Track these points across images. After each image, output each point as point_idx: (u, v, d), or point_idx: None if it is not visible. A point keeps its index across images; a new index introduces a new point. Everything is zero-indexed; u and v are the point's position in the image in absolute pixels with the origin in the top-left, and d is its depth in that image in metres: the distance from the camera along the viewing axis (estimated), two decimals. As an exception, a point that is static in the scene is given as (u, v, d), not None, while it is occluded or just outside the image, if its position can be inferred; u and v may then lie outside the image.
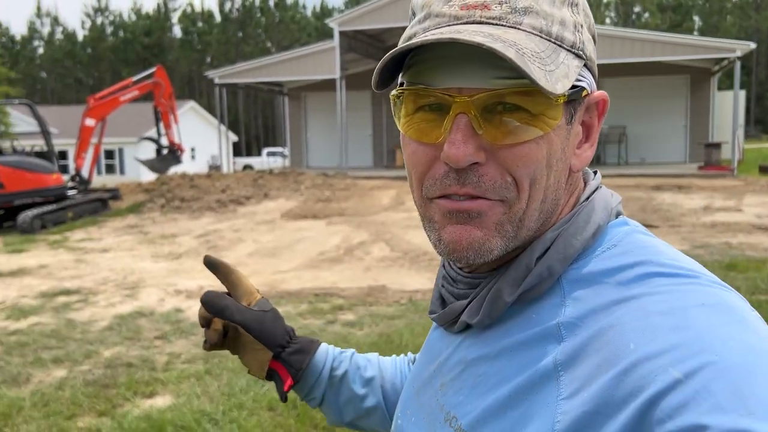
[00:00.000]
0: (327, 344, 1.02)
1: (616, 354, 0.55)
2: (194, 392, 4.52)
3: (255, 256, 9.58)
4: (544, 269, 0.65)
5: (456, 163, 0.61)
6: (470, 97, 0.61)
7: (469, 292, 0.71)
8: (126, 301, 7.28)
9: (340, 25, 20.03)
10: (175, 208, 14.64)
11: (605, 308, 0.60)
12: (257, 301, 0.97)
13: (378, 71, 0.65)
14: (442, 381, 0.73)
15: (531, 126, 0.62)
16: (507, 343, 0.65)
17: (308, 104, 25.55)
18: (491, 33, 0.60)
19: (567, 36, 0.64)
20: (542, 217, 0.67)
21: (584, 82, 0.67)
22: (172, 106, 16.19)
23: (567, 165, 0.67)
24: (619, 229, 0.69)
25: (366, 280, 7.60)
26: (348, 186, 16.26)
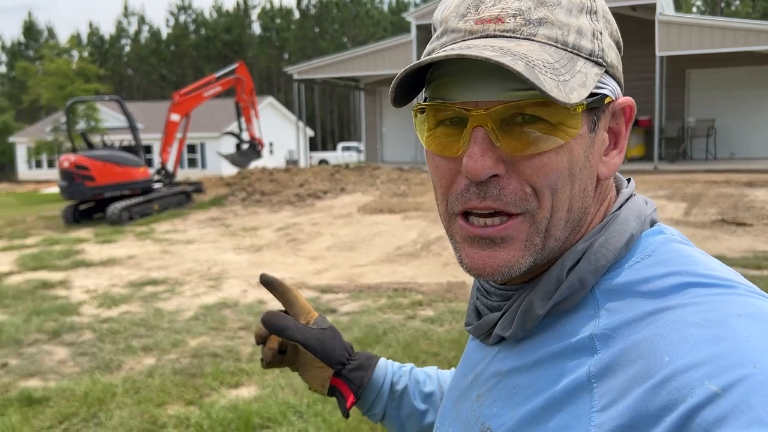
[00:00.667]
0: (385, 359, 1.02)
1: (650, 366, 0.54)
2: (278, 384, 4.57)
3: (333, 249, 9.66)
4: (576, 281, 0.65)
5: (474, 176, 0.61)
6: (486, 110, 0.62)
7: (502, 304, 0.71)
8: (210, 292, 7.46)
9: (417, 19, 19.95)
10: (256, 202, 14.94)
11: (639, 319, 0.59)
12: (315, 319, 0.98)
13: (393, 88, 0.66)
14: (479, 392, 0.73)
15: (550, 136, 0.62)
16: (541, 355, 0.65)
17: (384, 99, 25.59)
18: (502, 46, 0.60)
19: (585, 44, 0.64)
20: (569, 226, 0.66)
21: (606, 89, 0.66)
22: (253, 102, 16.52)
23: (593, 173, 0.67)
24: (654, 238, 0.67)
25: (444, 276, 7.52)
26: (423, 181, 16.19)
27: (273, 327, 0.95)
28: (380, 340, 5.36)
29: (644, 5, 18.41)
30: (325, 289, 7.24)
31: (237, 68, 16.22)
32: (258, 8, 72.78)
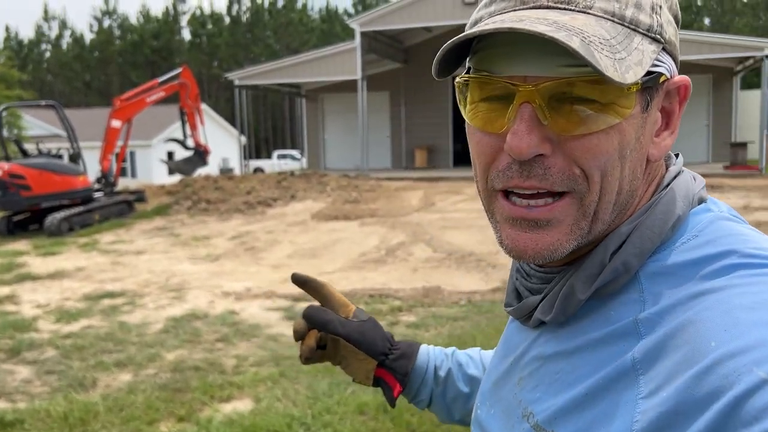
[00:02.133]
0: (427, 345, 1.02)
1: (697, 352, 0.52)
2: (274, 396, 4.40)
3: (295, 257, 9.47)
4: (620, 265, 0.62)
5: (519, 154, 0.59)
6: (535, 85, 0.58)
7: (543, 286, 0.69)
8: (175, 304, 7.17)
9: (362, 26, 19.93)
10: (203, 210, 14.53)
11: (685, 303, 0.57)
12: (353, 312, 0.98)
13: (438, 59, 0.62)
14: (520, 375, 0.71)
15: (601, 115, 0.59)
16: (584, 340, 0.63)
17: (326, 106, 25.46)
18: (556, 20, 0.57)
19: (643, 19, 0.60)
20: (617, 209, 0.63)
21: (662, 67, 0.62)
22: (197, 108, 16.08)
23: (643, 154, 0.64)
24: (702, 216, 0.64)
25: (417, 281, 7.47)
26: (373, 187, 16.15)
27: (315, 321, 0.94)
28: (369, 347, 5.24)
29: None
30: (297, 297, 7.06)
31: (181, 72, 15.77)
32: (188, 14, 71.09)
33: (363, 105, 20.22)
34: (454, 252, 8.99)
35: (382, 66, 23.49)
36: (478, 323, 5.70)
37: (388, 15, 19.85)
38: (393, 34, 21.94)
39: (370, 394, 4.27)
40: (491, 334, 5.32)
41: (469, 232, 10.49)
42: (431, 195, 15.15)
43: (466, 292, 6.87)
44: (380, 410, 3.98)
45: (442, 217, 12.21)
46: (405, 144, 24.12)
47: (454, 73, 0.68)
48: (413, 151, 23.52)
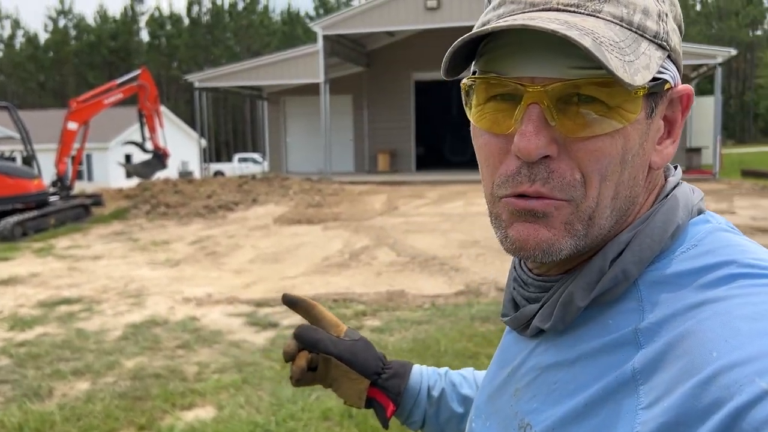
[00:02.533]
0: (419, 365, 1.01)
1: (697, 362, 0.52)
2: (237, 403, 4.33)
3: (257, 262, 9.37)
4: (619, 272, 0.62)
5: (527, 156, 0.59)
6: (543, 86, 0.59)
7: (540, 295, 0.69)
8: (134, 310, 7.02)
9: (324, 29, 19.89)
10: (162, 215, 14.29)
11: (685, 312, 0.56)
12: (345, 332, 0.96)
13: (447, 58, 0.62)
14: (517, 386, 0.70)
15: (607, 118, 0.59)
16: (582, 350, 0.63)
17: (287, 108, 25.31)
18: (567, 20, 0.57)
19: (650, 25, 0.61)
20: (615, 215, 0.63)
21: (667, 75, 0.63)
22: (156, 110, 15.83)
23: (646, 161, 0.64)
24: (701, 227, 0.65)
25: (381, 285, 7.46)
26: (336, 191, 16.11)
27: (307, 341, 0.92)
28: (334, 352, 5.21)
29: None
30: (260, 302, 6.99)
31: (140, 74, 15.49)
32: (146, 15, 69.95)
33: (326, 108, 20.17)
34: (418, 256, 9.01)
35: (345, 69, 23.47)
36: (442, 327, 5.71)
37: (350, 19, 19.86)
38: (356, 37, 21.94)
39: (335, 399, 4.24)
40: (455, 338, 5.33)
41: (432, 236, 10.53)
42: (394, 199, 15.17)
43: (430, 296, 6.88)
44: (345, 416, 3.95)
45: (405, 221, 12.24)
46: (368, 148, 24.13)
47: (460, 74, 0.68)
48: (376, 154, 23.54)
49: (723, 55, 17.88)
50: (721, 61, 17.85)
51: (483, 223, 11.53)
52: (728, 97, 65.33)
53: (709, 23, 65.50)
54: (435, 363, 4.82)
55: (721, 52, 18.03)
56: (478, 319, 5.87)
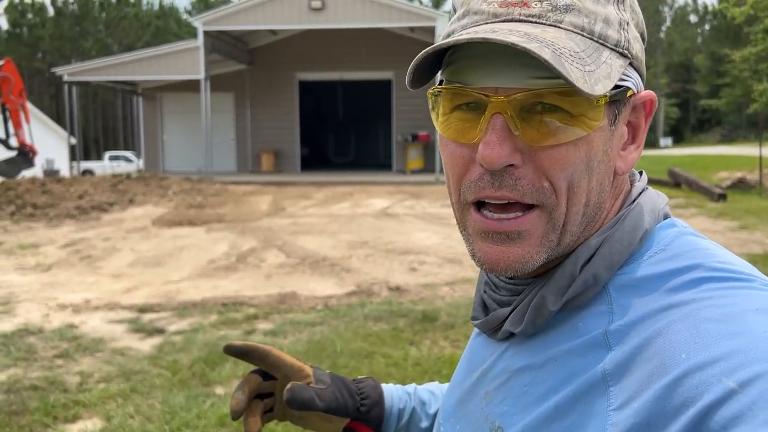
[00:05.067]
0: (387, 385, 0.98)
1: (667, 363, 0.54)
2: (126, 413, 4.12)
3: (137, 266, 8.95)
4: (590, 277, 0.64)
5: (490, 164, 0.60)
6: (506, 97, 0.60)
7: (512, 299, 0.69)
8: (3, 318, 6.50)
9: (205, 25, 19.32)
10: (29, 216, 13.33)
11: (654, 315, 0.58)
12: (313, 374, 0.90)
13: (412, 69, 0.63)
14: (487, 390, 0.71)
15: (570, 127, 0.60)
16: (553, 353, 0.64)
17: (164, 105, 24.36)
18: (528, 32, 0.58)
19: (611, 34, 0.62)
20: (585, 221, 0.65)
21: (629, 82, 0.65)
22: (22, 104, 14.72)
23: (611, 167, 0.65)
24: (667, 231, 0.67)
25: (272, 288, 7.35)
26: (219, 191, 15.70)
27: (300, 403, 0.85)
28: (226, 357, 5.05)
29: (423, 27, 19.68)
30: (143, 308, 6.68)
31: (3, 65, 14.36)
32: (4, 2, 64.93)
33: (206, 106, 19.60)
34: (308, 257, 8.96)
35: (227, 66, 22.92)
36: (336, 327, 5.71)
37: (232, 15, 19.42)
38: (238, 35, 21.48)
39: (232, 405, 4.14)
40: (350, 338, 5.35)
41: (321, 237, 10.50)
42: (281, 200, 15.00)
43: (322, 297, 6.86)
44: (241, 422, 3.85)
45: (293, 222, 12.12)
46: (251, 147, 23.68)
47: (426, 83, 0.67)
48: (259, 154, 23.15)
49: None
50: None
51: (371, 224, 11.66)
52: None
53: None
54: (332, 363, 4.82)
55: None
56: (372, 319, 5.93)
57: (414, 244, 9.62)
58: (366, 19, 18.79)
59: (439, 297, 6.70)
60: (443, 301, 6.52)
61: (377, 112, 26.41)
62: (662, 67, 63.91)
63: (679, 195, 14.93)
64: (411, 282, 7.43)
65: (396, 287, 7.09)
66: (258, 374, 0.89)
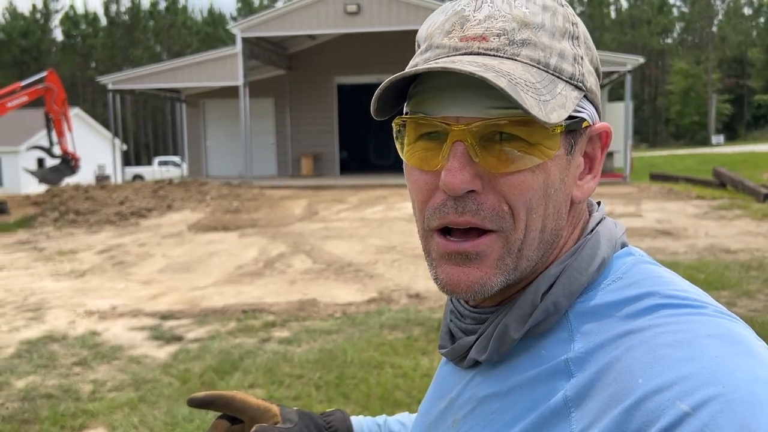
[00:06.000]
0: (356, 417, 0.99)
1: (625, 388, 0.55)
2: (131, 422, 4.16)
3: (167, 272, 9.08)
4: (550, 305, 0.65)
5: (452, 190, 0.62)
6: (467, 125, 0.62)
7: (476, 327, 0.71)
8: (31, 325, 6.67)
9: (243, 32, 19.57)
10: (71, 222, 13.70)
11: (612, 341, 0.60)
12: (280, 414, 0.90)
13: (376, 99, 0.66)
14: (455, 417, 0.72)
15: (528, 155, 0.63)
16: (517, 380, 0.65)
17: (207, 111, 24.79)
18: (485, 63, 0.61)
19: (566, 68, 0.65)
20: (543, 247, 0.67)
21: (584, 113, 0.67)
22: (65, 113, 15.15)
23: (567, 195, 0.68)
24: (625, 259, 0.69)
25: (294, 294, 7.35)
26: (256, 196, 15.85)
27: None
28: (237, 366, 5.08)
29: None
30: (165, 315, 6.76)
31: (47, 76, 14.80)
32: (60, 13, 67.12)
33: (246, 112, 19.85)
34: (334, 263, 8.95)
35: (266, 72, 23.17)
36: (350, 336, 5.67)
37: (270, 21, 19.62)
38: (277, 40, 21.70)
39: (233, 416, 4.13)
40: (362, 347, 5.30)
41: (350, 242, 10.49)
42: (315, 204, 15.06)
43: (342, 304, 6.83)
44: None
45: (324, 227, 12.15)
46: (291, 151, 23.89)
47: (391, 114, 0.70)
48: (299, 158, 23.34)
49: (632, 63, 18.61)
50: (630, 68, 18.58)
51: (401, 229, 11.59)
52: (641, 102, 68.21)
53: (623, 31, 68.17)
54: (339, 374, 4.78)
55: (630, 60, 18.77)
56: (387, 327, 5.86)
57: (442, 249, 9.51)
58: (401, 22, 18.73)
59: (459, 304, 6.58)
60: (463, 308, 6.40)
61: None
62: (714, 62, 62.04)
63: (723, 196, 14.41)
64: (433, 288, 7.33)
65: (416, 294, 7.01)
66: (225, 419, 0.90)
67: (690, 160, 28.15)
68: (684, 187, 16.20)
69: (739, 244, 9.16)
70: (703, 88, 60.23)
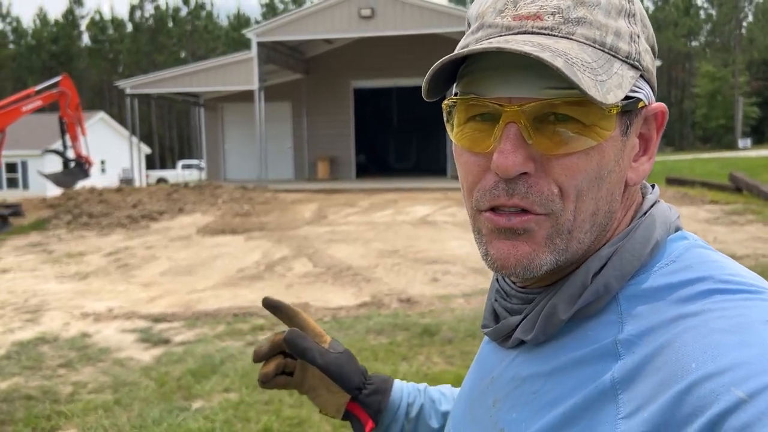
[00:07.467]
0: (399, 380, 1.00)
1: (677, 373, 0.54)
2: (101, 425, 4.17)
3: (168, 274, 9.14)
4: (601, 286, 0.64)
5: (505, 172, 0.61)
6: (520, 106, 0.61)
7: (522, 307, 0.70)
8: (26, 327, 6.74)
9: (258, 36, 19.69)
10: (83, 225, 13.88)
11: (664, 326, 0.58)
12: (329, 343, 0.94)
13: (427, 80, 0.65)
14: (496, 397, 0.71)
15: (583, 136, 0.61)
16: (562, 361, 0.64)
17: (225, 115, 24.98)
18: (541, 43, 0.59)
19: (622, 46, 0.63)
20: (595, 230, 0.65)
21: (641, 93, 0.65)
22: (79, 117, 15.36)
23: (622, 177, 0.66)
24: (678, 243, 0.67)
25: (288, 298, 7.33)
26: (268, 199, 15.92)
27: (296, 348, 0.89)
28: (216, 370, 5.08)
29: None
30: (158, 317, 6.79)
31: (61, 81, 15.02)
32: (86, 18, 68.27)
33: (261, 116, 19.96)
34: (334, 266, 8.93)
35: (284, 76, 23.28)
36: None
37: (285, 26, 19.71)
38: (293, 45, 21.79)
39: (200, 420, 4.12)
40: (344, 352, 5.25)
41: (354, 246, 10.46)
42: (325, 207, 15.07)
43: (333, 308, 6.80)
44: None
45: (331, 230, 12.14)
46: (307, 155, 23.96)
47: (442, 95, 0.69)
48: (315, 162, 23.39)
49: (649, 66, 18.31)
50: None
51: (407, 233, 11.53)
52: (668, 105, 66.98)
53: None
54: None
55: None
56: (373, 332, 5.82)
57: (444, 253, 9.44)
58: (415, 26, 18.69)
59: (449, 309, 6.52)
60: (452, 314, 6.34)
61: (434, 118, 26.26)
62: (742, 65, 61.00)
63: (738, 200, 14.13)
64: (428, 293, 7.27)
65: (407, 299, 6.95)
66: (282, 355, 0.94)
67: (713, 164, 27.65)
68: (699, 192, 15.91)
69: (746, 249, 8.96)
70: (729, 91, 59.22)
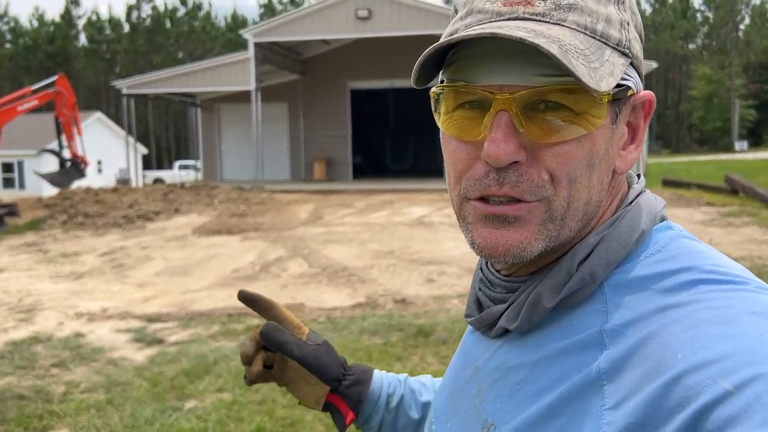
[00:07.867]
0: (379, 371, 1.00)
1: (662, 364, 0.53)
2: (93, 425, 4.15)
3: (164, 274, 9.12)
4: (587, 275, 0.63)
5: (496, 161, 0.60)
6: (511, 94, 0.60)
7: (507, 296, 0.69)
8: (20, 326, 6.72)
9: (255, 37, 19.69)
10: (79, 225, 13.85)
11: (650, 316, 0.58)
12: (307, 335, 0.93)
13: (417, 67, 0.64)
14: (479, 387, 0.70)
15: (574, 125, 0.60)
16: (547, 351, 0.63)
17: (222, 116, 24.96)
18: (534, 29, 0.58)
19: (613, 33, 0.63)
20: (585, 218, 0.65)
21: (630, 81, 0.65)
22: (75, 117, 15.33)
23: (611, 166, 0.66)
24: (664, 233, 0.66)
25: (283, 298, 7.32)
26: (264, 200, 15.90)
27: (271, 341, 0.88)
28: (210, 370, 5.06)
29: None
30: (152, 317, 6.77)
31: (57, 80, 15.00)
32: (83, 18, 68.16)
33: (257, 116, 19.94)
34: (329, 267, 8.92)
35: (281, 77, 23.28)
36: (329, 340, 5.62)
37: (282, 26, 19.71)
38: (290, 45, 21.79)
39: (193, 420, 4.11)
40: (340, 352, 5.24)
41: (350, 246, 10.46)
42: (321, 208, 15.06)
43: (328, 309, 6.79)
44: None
45: (326, 231, 12.13)
46: (304, 155, 23.96)
47: (430, 82, 0.67)
48: (312, 162, 23.39)
49: (646, 68, 18.37)
50: (645, 73, 18.33)
51: (402, 234, 11.53)
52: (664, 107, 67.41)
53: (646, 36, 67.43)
54: (310, 379, 4.73)
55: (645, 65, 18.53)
56: (367, 333, 5.81)
57: (440, 254, 9.44)
58: (412, 27, 18.71)
59: (444, 310, 6.51)
60: (447, 314, 6.33)
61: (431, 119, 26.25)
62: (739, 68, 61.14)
63: (734, 202, 14.15)
64: (423, 294, 7.27)
65: (402, 299, 6.94)
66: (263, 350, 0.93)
67: (709, 167, 27.71)
68: (695, 194, 15.94)
69: (741, 251, 8.97)
70: (726, 93, 59.35)
